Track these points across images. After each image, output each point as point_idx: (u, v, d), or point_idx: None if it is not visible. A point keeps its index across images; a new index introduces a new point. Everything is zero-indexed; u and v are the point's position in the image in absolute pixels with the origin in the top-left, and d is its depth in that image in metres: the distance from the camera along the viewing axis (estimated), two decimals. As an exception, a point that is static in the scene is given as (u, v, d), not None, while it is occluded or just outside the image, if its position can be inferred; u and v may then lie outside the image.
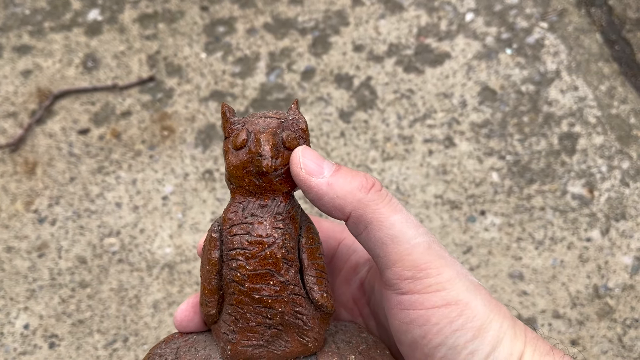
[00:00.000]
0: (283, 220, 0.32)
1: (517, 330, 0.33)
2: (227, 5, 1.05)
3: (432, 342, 0.31)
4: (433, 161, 0.89)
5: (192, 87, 0.97)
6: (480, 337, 0.31)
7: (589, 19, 1.01)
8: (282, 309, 0.32)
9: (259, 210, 0.32)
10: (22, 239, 0.84)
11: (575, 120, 0.91)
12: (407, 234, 0.31)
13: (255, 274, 0.31)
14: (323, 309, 0.33)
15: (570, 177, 0.87)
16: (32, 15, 1.05)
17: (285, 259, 0.31)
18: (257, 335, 0.32)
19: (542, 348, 0.33)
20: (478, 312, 0.32)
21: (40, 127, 0.94)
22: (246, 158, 0.32)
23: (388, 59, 0.98)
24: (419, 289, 0.31)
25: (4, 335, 0.77)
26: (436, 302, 0.31)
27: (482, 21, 1.02)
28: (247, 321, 0.32)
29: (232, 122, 0.33)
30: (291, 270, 0.32)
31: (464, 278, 0.32)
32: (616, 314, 0.76)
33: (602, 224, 0.83)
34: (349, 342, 0.34)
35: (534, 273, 0.79)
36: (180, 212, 0.86)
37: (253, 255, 0.31)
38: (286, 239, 0.31)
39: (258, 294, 0.31)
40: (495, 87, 0.95)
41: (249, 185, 0.32)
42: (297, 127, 0.33)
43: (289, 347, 0.32)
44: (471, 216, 0.84)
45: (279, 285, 0.31)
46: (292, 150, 0.32)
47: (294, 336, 0.32)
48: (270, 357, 0.32)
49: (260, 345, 0.32)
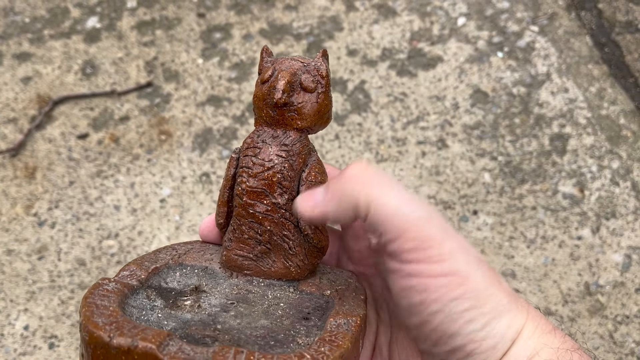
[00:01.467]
0: (287, 151, 0.35)
1: (518, 306, 0.33)
2: (224, 12, 1.07)
3: (430, 308, 0.32)
4: (426, 162, 0.90)
5: (189, 92, 0.99)
6: (478, 308, 0.31)
7: (578, 22, 1.03)
8: (270, 227, 0.35)
9: (269, 139, 0.35)
10: (22, 242, 0.85)
11: (566, 122, 0.93)
12: (405, 209, 0.32)
13: (252, 190, 0.35)
14: (309, 240, 0.35)
15: (561, 177, 0.88)
16: (32, 23, 1.07)
17: (280, 184, 0.35)
18: (248, 248, 0.35)
19: (544, 326, 0.33)
20: (477, 284, 0.32)
21: (40, 132, 0.95)
22: (265, 91, 0.35)
23: (382, 63, 1.00)
24: (420, 259, 0.32)
25: (4, 336, 0.78)
26: (436, 271, 0.31)
27: (473, 25, 1.03)
28: (241, 233, 0.35)
29: (265, 61, 0.37)
30: (284, 195, 0.35)
31: (465, 251, 0.32)
32: (607, 310, 0.78)
33: (593, 222, 0.84)
34: (333, 281, 0.37)
35: (526, 271, 0.81)
36: (178, 214, 0.87)
37: (254, 175, 0.35)
38: (285, 167, 0.35)
39: (252, 208, 0.35)
40: (487, 89, 0.97)
41: (266, 116, 0.36)
42: (316, 73, 0.36)
43: (274, 267, 0.36)
44: (464, 216, 0.85)
45: (270, 205, 0.35)
46: (309, 92, 0.35)
47: (280, 258, 0.35)
48: (257, 272, 0.36)
49: (250, 258, 0.36)
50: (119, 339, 0.28)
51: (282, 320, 0.33)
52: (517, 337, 0.32)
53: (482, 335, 0.31)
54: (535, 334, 0.32)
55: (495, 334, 0.32)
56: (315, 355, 0.28)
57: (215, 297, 0.35)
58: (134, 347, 0.27)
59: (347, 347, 0.30)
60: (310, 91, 0.35)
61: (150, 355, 0.27)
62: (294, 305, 0.35)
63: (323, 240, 0.36)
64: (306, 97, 0.35)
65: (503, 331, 0.32)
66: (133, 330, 0.28)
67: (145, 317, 0.32)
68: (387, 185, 0.33)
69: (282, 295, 0.35)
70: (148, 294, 0.34)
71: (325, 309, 0.34)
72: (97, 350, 0.28)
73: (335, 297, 0.35)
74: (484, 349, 0.32)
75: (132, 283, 0.33)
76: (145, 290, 0.34)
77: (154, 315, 0.32)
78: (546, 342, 0.32)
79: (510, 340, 0.32)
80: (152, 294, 0.34)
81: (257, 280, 0.36)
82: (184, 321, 0.32)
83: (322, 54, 0.36)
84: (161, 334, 0.28)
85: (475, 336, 0.31)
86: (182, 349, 0.28)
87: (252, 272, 0.36)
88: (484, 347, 0.32)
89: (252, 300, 0.35)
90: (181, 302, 0.34)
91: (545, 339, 0.32)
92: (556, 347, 0.32)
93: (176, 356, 0.27)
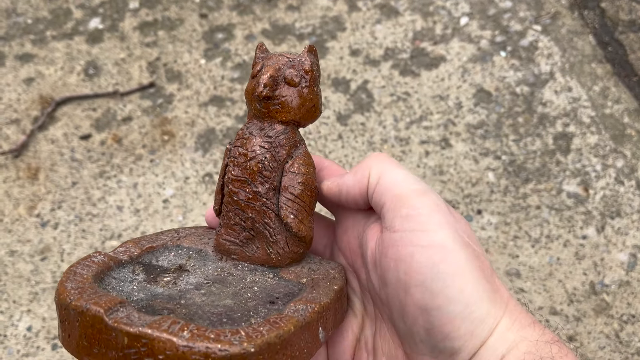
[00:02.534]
0: (270, 143, 0.37)
1: (497, 297, 0.33)
2: (226, 13, 1.07)
3: (413, 279, 0.32)
4: (430, 162, 0.90)
5: (192, 93, 0.99)
6: (458, 288, 0.32)
7: (581, 21, 1.03)
8: (252, 215, 0.37)
9: (256, 131, 0.37)
10: (25, 242, 0.85)
11: (570, 120, 0.93)
12: (408, 180, 0.35)
13: (237, 178, 0.37)
14: (288, 229, 0.37)
15: (565, 176, 0.88)
16: (34, 24, 1.07)
17: (261, 173, 0.37)
18: (235, 234, 0.38)
19: (523, 320, 0.33)
20: (459, 266, 0.32)
21: (43, 133, 0.95)
22: (254, 85, 0.37)
23: (384, 62, 1.00)
24: (408, 227, 0.33)
25: (7, 337, 0.78)
26: (422, 240, 0.33)
27: (476, 25, 1.03)
28: (229, 219, 0.38)
29: (257, 57, 0.38)
30: (265, 185, 0.37)
31: (453, 229, 0.33)
32: (613, 310, 0.77)
33: (598, 221, 0.84)
34: (314, 270, 0.38)
35: (530, 271, 0.80)
36: (181, 214, 0.87)
37: (238, 164, 0.37)
38: (267, 158, 0.37)
39: (236, 196, 0.37)
40: (490, 89, 0.96)
41: (254, 109, 0.37)
42: (300, 68, 0.37)
43: (257, 253, 0.38)
44: (468, 215, 0.85)
45: (251, 193, 0.37)
46: (292, 86, 0.37)
47: (263, 245, 0.37)
48: (242, 257, 0.38)
49: (236, 244, 0.38)
50: (76, 302, 0.30)
51: (247, 302, 0.34)
52: (495, 327, 0.32)
53: (460, 317, 0.32)
54: (514, 326, 0.32)
55: (473, 318, 0.32)
56: (250, 333, 0.29)
57: (194, 277, 0.36)
58: (86, 310, 0.30)
59: (288, 330, 0.31)
60: (294, 85, 0.37)
61: (98, 317, 0.29)
62: (267, 289, 0.36)
63: (303, 229, 0.37)
64: (290, 91, 0.37)
65: (482, 317, 0.32)
66: (91, 296, 0.31)
67: (120, 287, 0.34)
68: (397, 165, 0.36)
69: (260, 279, 0.37)
70: (134, 269, 0.36)
71: (295, 295, 0.35)
72: (62, 311, 0.31)
73: (309, 285, 0.36)
74: (461, 333, 0.32)
75: (121, 258, 0.36)
76: (134, 265, 0.36)
77: (130, 287, 0.34)
78: (525, 335, 0.32)
79: (489, 330, 0.32)
80: (139, 269, 0.36)
81: (242, 264, 0.38)
82: (154, 294, 0.34)
83: (308, 49, 0.38)
84: (113, 300, 0.30)
85: (454, 317, 0.32)
86: (129, 315, 0.30)
87: (238, 257, 0.38)
88: (462, 331, 0.32)
89: (229, 282, 0.36)
90: (160, 278, 0.36)
91: (524, 332, 0.32)
92: (535, 339, 0.32)
93: (119, 321, 0.29)
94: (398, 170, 0.36)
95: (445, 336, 0.32)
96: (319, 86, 0.39)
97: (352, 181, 0.37)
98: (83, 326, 0.30)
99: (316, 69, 0.38)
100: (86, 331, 0.30)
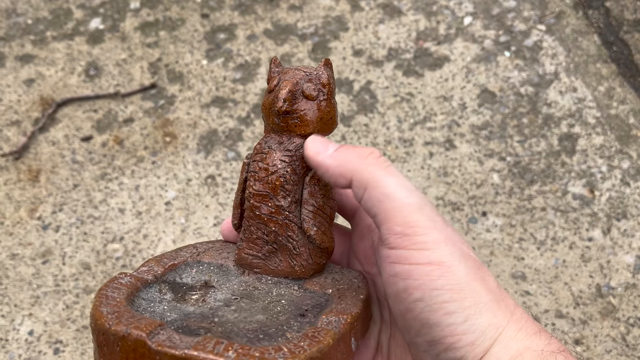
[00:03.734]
0: (290, 156, 0.37)
1: (501, 306, 0.33)
2: (228, 13, 1.06)
3: (412, 296, 0.32)
4: (434, 163, 0.89)
5: (194, 94, 0.98)
6: (458, 301, 0.32)
7: (586, 21, 1.02)
8: (275, 228, 0.37)
9: (275, 145, 0.37)
10: (26, 245, 0.85)
11: (575, 121, 0.92)
12: (400, 194, 0.33)
13: (258, 193, 0.37)
14: (312, 241, 0.37)
15: (570, 177, 0.87)
16: (35, 25, 1.06)
17: (283, 187, 0.37)
18: (257, 248, 0.38)
19: (529, 328, 0.33)
20: (459, 277, 0.32)
21: (44, 135, 0.95)
22: (271, 100, 0.37)
23: (387, 63, 0.99)
24: (405, 244, 0.33)
25: (8, 341, 0.77)
26: (419, 259, 0.32)
27: (480, 24, 1.02)
28: (251, 233, 0.38)
29: (272, 72, 0.39)
30: (287, 198, 0.37)
31: (451, 243, 0.33)
32: (619, 312, 0.77)
33: (604, 223, 0.83)
34: (337, 280, 0.38)
35: (536, 273, 0.80)
36: (183, 217, 0.86)
37: (259, 179, 0.37)
38: (288, 172, 0.37)
39: (258, 210, 0.37)
40: (494, 89, 0.96)
41: (272, 123, 0.38)
42: (318, 81, 0.37)
43: (280, 266, 0.38)
44: (473, 217, 0.84)
45: (274, 207, 0.37)
46: (310, 100, 0.37)
47: (286, 258, 0.37)
48: (265, 270, 0.38)
49: (259, 257, 0.38)
50: (116, 327, 0.30)
51: (278, 316, 0.34)
52: (499, 336, 0.32)
53: (461, 329, 0.32)
54: (518, 335, 0.32)
55: (474, 329, 0.32)
56: (292, 349, 0.30)
57: (222, 293, 0.37)
58: (127, 335, 0.30)
59: (327, 343, 0.31)
60: (312, 99, 0.37)
61: (141, 342, 0.29)
62: (295, 302, 0.36)
63: (326, 241, 0.38)
64: (308, 105, 0.37)
65: (483, 328, 0.32)
66: (130, 320, 0.31)
67: (152, 308, 0.34)
68: (388, 170, 0.34)
69: (286, 292, 0.37)
70: (161, 288, 0.36)
71: (323, 306, 0.35)
72: (99, 337, 0.31)
73: (335, 295, 0.36)
74: (463, 344, 0.32)
75: (147, 278, 0.36)
76: (159, 284, 0.36)
77: (160, 307, 0.35)
78: (530, 345, 0.32)
79: (491, 339, 0.32)
80: (165, 288, 0.36)
81: (265, 278, 0.38)
82: (186, 313, 0.34)
83: (324, 62, 0.38)
84: (153, 323, 0.30)
85: (455, 329, 0.32)
86: (170, 338, 0.30)
87: (261, 270, 0.38)
88: (463, 342, 0.32)
89: (256, 296, 0.36)
90: (189, 296, 0.36)
91: (529, 342, 0.32)
92: (540, 349, 0.32)
93: (162, 344, 0.29)
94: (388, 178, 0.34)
95: (447, 347, 0.32)
96: (335, 98, 0.39)
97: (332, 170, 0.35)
98: (124, 351, 0.30)
99: (333, 81, 0.39)
100: (128, 356, 0.30)
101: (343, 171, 0.35)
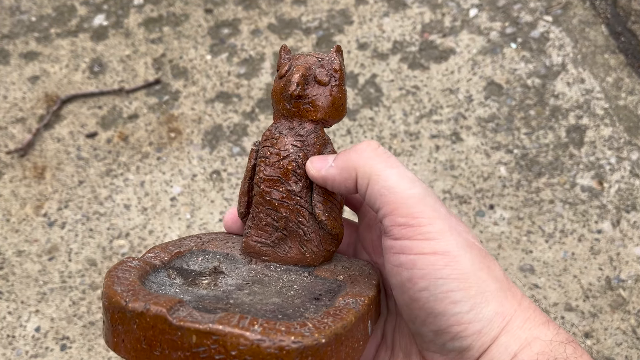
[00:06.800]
0: (302, 141, 0.37)
1: (508, 295, 0.32)
2: (231, 7, 1.06)
3: (417, 285, 0.32)
4: (440, 157, 0.88)
5: (198, 89, 0.97)
6: (464, 290, 0.31)
7: (593, 11, 1.01)
8: (286, 214, 0.37)
9: (286, 130, 0.37)
10: (32, 242, 0.85)
11: (583, 113, 0.91)
12: (402, 185, 0.33)
13: (269, 178, 0.37)
14: (323, 227, 0.37)
15: (579, 169, 0.86)
16: (38, 22, 1.06)
17: (295, 172, 0.36)
18: (266, 235, 0.37)
19: (537, 318, 0.32)
20: (464, 267, 0.32)
21: (49, 131, 0.94)
22: (282, 85, 0.37)
23: (393, 56, 0.98)
24: (409, 235, 0.32)
25: (15, 338, 0.77)
26: (424, 248, 0.32)
27: (486, 16, 1.01)
28: (260, 220, 0.37)
29: (283, 58, 0.39)
30: (299, 183, 0.37)
31: (456, 233, 0.33)
32: (629, 305, 0.76)
33: (613, 215, 0.82)
34: (347, 267, 0.38)
35: (545, 266, 0.79)
36: (189, 212, 0.86)
37: (271, 164, 0.37)
38: (299, 157, 0.37)
39: (269, 196, 0.37)
40: (500, 81, 0.95)
41: (283, 109, 0.38)
42: (330, 67, 0.38)
43: (290, 253, 0.37)
44: (480, 210, 0.84)
45: (285, 192, 0.37)
46: (322, 85, 0.37)
47: (296, 244, 0.37)
48: (274, 257, 0.38)
49: (267, 244, 0.37)
50: (133, 304, 0.29)
51: (293, 299, 0.34)
52: (506, 325, 0.32)
53: (467, 318, 0.32)
54: (526, 325, 0.32)
55: (481, 318, 0.32)
56: (317, 325, 0.29)
57: (232, 278, 0.36)
58: (146, 311, 0.29)
59: (351, 321, 0.30)
60: (324, 84, 0.37)
61: (161, 317, 0.28)
62: (307, 287, 0.36)
63: (337, 227, 0.38)
64: (320, 90, 0.37)
65: (490, 317, 0.32)
66: (147, 297, 0.30)
67: (163, 291, 0.33)
68: (389, 162, 0.34)
69: (296, 278, 0.37)
70: (169, 273, 0.36)
71: (336, 291, 0.35)
72: (114, 315, 0.30)
73: (348, 281, 0.36)
74: (469, 333, 0.32)
75: (154, 262, 0.35)
76: (167, 269, 0.36)
77: (172, 290, 0.34)
78: (538, 335, 0.32)
79: (498, 328, 0.32)
80: (173, 273, 0.36)
81: (274, 265, 0.38)
82: (199, 296, 0.33)
83: (336, 49, 0.38)
84: (172, 300, 0.29)
85: (461, 318, 0.32)
86: (191, 314, 0.29)
87: (270, 258, 0.38)
88: (470, 330, 0.32)
89: (267, 282, 0.36)
90: (199, 281, 0.35)
91: (537, 331, 0.32)
92: (549, 339, 0.32)
93: (184, 319, 0.28)
94: (389, 170, 0.34)
95: (453, 336, 0.32)
96: (345, 85, 0.39)
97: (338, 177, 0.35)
98: (142, 328, 0.29)
99: (344, 68, 0.39)
100: (146, 333, 0.29)
101: (347, 175, 0.35)
